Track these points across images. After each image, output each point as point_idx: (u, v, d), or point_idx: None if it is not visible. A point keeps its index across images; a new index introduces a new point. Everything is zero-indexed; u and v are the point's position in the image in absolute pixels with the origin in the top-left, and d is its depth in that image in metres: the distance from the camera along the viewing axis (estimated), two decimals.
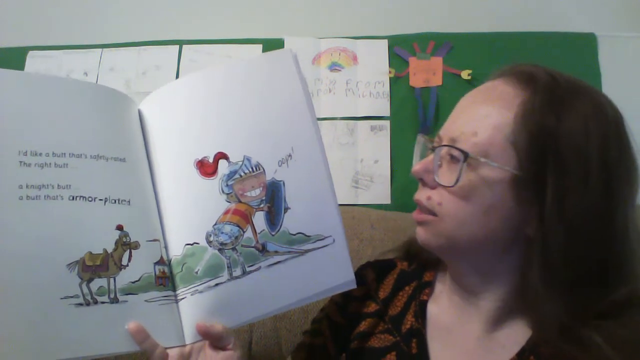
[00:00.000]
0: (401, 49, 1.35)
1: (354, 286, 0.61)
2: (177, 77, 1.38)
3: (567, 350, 0.53)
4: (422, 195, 0.61)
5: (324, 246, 0.61)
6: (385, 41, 1.36)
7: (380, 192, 1.29)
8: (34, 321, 0.52)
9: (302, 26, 1.42)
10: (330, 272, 0.61)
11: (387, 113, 1.32)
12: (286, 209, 0.62)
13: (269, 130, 0.64)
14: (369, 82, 1.34)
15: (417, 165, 0.62)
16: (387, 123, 1.32)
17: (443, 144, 0.60)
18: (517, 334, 0.60)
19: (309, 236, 0.61)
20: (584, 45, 1.31)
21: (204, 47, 1.39)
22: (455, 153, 0.58)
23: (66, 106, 0.60)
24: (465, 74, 1.31)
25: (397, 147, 1.31)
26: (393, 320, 0.68)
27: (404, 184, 1.29)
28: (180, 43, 1.40)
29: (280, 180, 0.62)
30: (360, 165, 1.30)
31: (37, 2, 1.51)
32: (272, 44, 1.36)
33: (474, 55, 1.32)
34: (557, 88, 0.57)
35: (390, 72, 1.35)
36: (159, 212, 0.63)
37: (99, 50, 1.42)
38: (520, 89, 0.58)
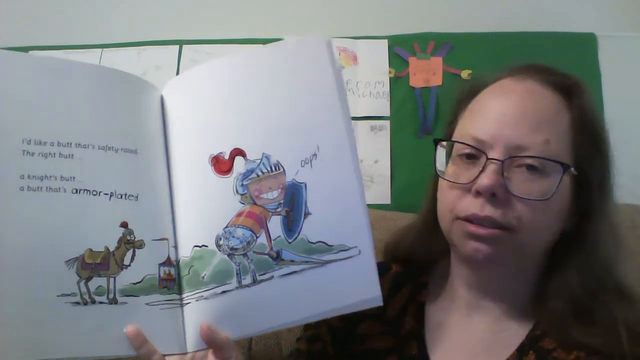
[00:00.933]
0: (401, 49, 1.35)
1: (379, 303, 0.54)
2: None
3: (574, 335, 0.55)
4: (492, 211, 0.56)
5: (348, 257, 0.54)
6: (385, 41, 1.36)
7: (380, 192, 1.29)
8: (28, 317, 0.50)
9: (303, 26, 1.42)
10: (353, 287, 0.54)
11: (387, 113, 1.33)
12: (306, 214, 0.56)
13: (293, 126, 0.58)
14: (369, 82, 1.34)
15: (486, 179, 0.55)
16: (387, 123, 1.32)
17: (516, 154, 0.56)
18: (517, 330, 0.60)
19: (330, 246, 0.55)
20: (584, 45, 1.31)
21: (204, 47, 1.39)
22: (546, 164, 0.56)
23: (75, 92, 0.57)
24: (465, 74, 1.31)
25: (397, 147, 1.31)
26: (392, 322, 0.68)
27: (403, 184, 1.29)
28: (180, 43, 1.40)
29: (302, 182, 0.56)
30: (360, 165, 1.30)
31: (37, 2, 1.51)
32: None
33: (474, 55, 1.32)
34: (583, 87, 0.61)
35: (390, 72, 1.35)
36: (172, 209, 0.59)
37: (99, 50, 1.42)
38: (559, 91, 0.60)
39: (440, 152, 0.65)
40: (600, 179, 0.60)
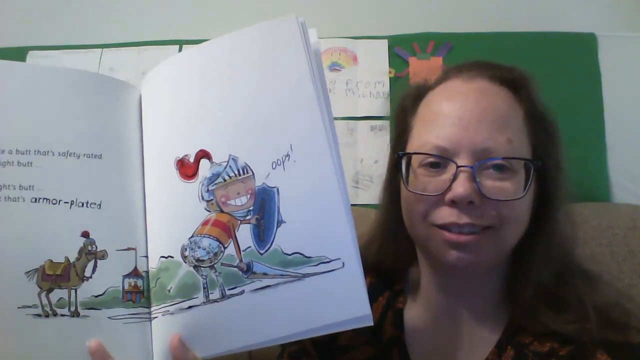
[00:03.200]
0: (401, 49, 1.35)
1: (369, 323, 0.48)
2: None
3: (546, 322, 0.56)
4: (471, 218, 0.55)
5: (330, 270, 0.48)
6: (385, 41, 1.36)
7: (379, 192, 1.28)
8: None
9: None
10: (337, 304, 0.48)
11: (387, 113, 1.32)
12: (280, 222, 0.50)
13: (261, 122, 0.52)
14: (369, 82, 1.34)
15: (461, 188, 0.54)
16: (387, 123, 1.32)
17: (484, 158, 0.55)
18: (494, 326, 0.61)
19: (309, 257, 0.49)
20: (584, 45, 1.31)
21: None
22: (514, 162, 0.56)
23: (37, 97, 0.54)
24: None
25: None
26: (372, 331, 0.67)
27: None
28: (180, 43, 1.40)
29: (274, 187, 0.50)
30: (360, 165, 1.30)
31: (37, 2, 1.51)
32: None
33: (474, 55, 1.31)
34: (529, 78, 0.63)
35: (390, 72, 1.35)
36: (145, 217, 0.55)
37: (99, 50, 1.42)
38: (507, 86, 0.61)
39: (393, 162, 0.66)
40: (555, 163, 0.60)
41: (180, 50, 1.40)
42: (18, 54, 1.41)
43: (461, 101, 0.59)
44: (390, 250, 0.69)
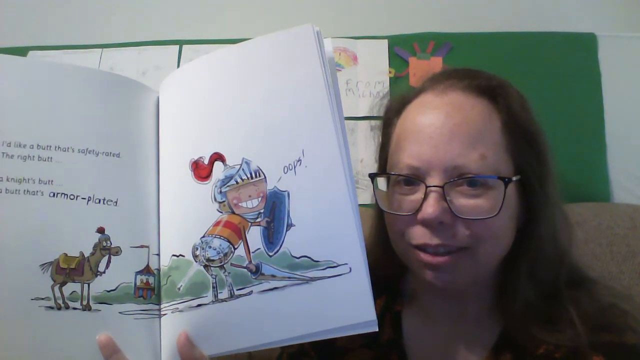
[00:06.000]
0: (401, 49, 1.35)
1: (374, 328, 0.48)
2: None
3: (539, 336, 0.55)
4: (443, 238, 0.54)
5: (337, 275, 0.49)
6: (385, 41, 1.36)
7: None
8: (1, 318, 0.49)
9: None
10: (342, 308, 0.49)
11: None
12: (289, 225, 0.51)
13: (275, 128, 0.53)
14: (369, 82, 1.34)
15: (430, 209, 0.53)
16: None
17: (454, 177, 0.54)
18: (491, 330, 0.61)
19: (317, 261, 0.49)
20: (584, 45, 1.31)
21: (204, 47, 1.39)
22: (489, 179, 0.54)
23: (58, 94, 0.56)
24: None
25: None
26: (369, 333, 0.67)
27: None
28: (180, 43, 1.40)
29: (285, 191, 0.51)
30: (360, 165, 1.30)
31: (37, 2, 1.51)
32: None
33: (474, 55, 1.32)
34: (508, 86, 0.60)
35: (390, 72, 1.35)
36: (157, 216, 0.57)
37: (99, 50, 1.42)
38: (484, 95, 0.58)
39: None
40: (539, 174, 0.58)
41: (180, 50, 1.40)
42: (18, 53, 1.40)
43: (433, 117, 0.57)
44: (386, 257, 0.68)
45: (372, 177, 0.61)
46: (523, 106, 0.59)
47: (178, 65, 1.39)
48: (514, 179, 0.56)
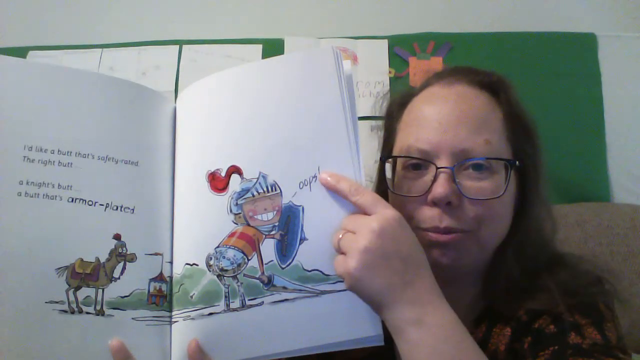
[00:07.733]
0: (401, 49, 1.35)
1: (380, 343, 0.50)
2: (177, 77, 1.38)
3: (519, 304, 0.59)
4: (450, 221, 0.57)
5: (346, 290, 0.50)
6: (385, 41, 1.36)
7: None
8: (15, 320, 0.50)
9: (302, 26, 1.42)
10: (350, 322, 0.50)
11: (385, 113, 1.32)
12: (302, 239, 0.52)
13: (292, 145, 0.55)
14: (369, 82, 1.34)
15: (440, 188, 0.56)
16: None
17: (462, 159, 0.58)
18: (477, 308, 0.63)
19: (327, 275, 0.51)
20: (584, 45, 1.31)
21: (204, 47, 1.39)
22: (493, 162, 0.58)
23: (81, 102, 0.57)
24: None
25: None
26: None
27: None
28: (180, 43, 1.40)
29: (299, 206, 0.53)
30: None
31: (37, 2, 1.51)
32: (272, 44, 1.36)
33: (473, 55, 1.32)
34: (507, 82, 0.65)
35: (390, 72, 1.35)
36: (172, 224, 0.58)
37: (99, 50, 1.42)
38: (486, 89, 0.63)
39: (380, 167, 0.67)
40: (533, 162, 0.62)
41: (180, 50, 1.40)
42: (18, 54, 1.40)
43: (441, 105, 0.61)
44: None
45: (384, 160, 0.66)
46: (519, 100, 0.64)
47: (178, 65, 1.39)
48: (517, 163, 0.60)
